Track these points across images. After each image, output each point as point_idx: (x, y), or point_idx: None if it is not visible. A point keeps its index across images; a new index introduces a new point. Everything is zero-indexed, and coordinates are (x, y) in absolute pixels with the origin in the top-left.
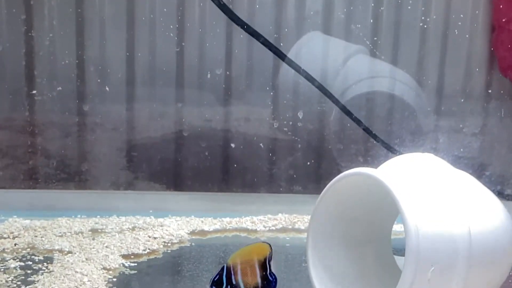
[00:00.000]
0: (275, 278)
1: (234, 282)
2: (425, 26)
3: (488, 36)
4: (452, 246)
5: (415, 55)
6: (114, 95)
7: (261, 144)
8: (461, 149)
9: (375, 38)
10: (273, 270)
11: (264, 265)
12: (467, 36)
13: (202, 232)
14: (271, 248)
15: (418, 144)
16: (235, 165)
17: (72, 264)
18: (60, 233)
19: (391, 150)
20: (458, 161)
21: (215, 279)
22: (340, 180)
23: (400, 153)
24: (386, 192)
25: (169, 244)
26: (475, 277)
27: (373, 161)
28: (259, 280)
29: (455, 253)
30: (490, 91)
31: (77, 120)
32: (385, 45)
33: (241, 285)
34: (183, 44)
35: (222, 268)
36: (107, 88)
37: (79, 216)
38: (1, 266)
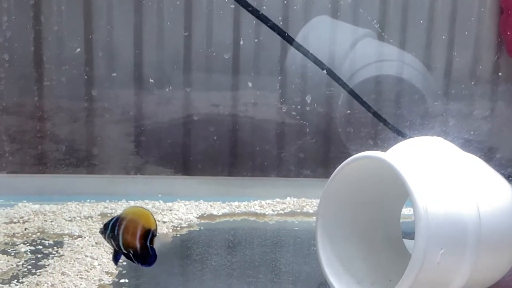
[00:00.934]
0: (155, 255)
1: (116, 233)
2: (433, 9)
3: (496, 18)
4: (461, 226)
5: (423, 38)
6: (123, 80)
7: (269, 128)
8: (470, 133)
9: (383, 21)
10: (155, 247)
11: (146, 234)
12: (474, 19)
13: (211, 216)
14: (156, 223)
15: (426, 128)
16: (244, 149)
17: (82, 248)
18: (69, 217)
19: (399, 133)
20: (467, 145)
21: (106, 222)
22: (349, 164)
23: (409, 137)
24: (395, 175)
25: (178, 228)
26: (484, 258)
27: (382, 144)
28: (137, 245)
29: (465, 233)
30: (498, 74)
31: (85, 105)
32: (393, 29)
33: (120, 238)
34: (191, 28)
35: (116, 216)
36: (115, 73)
37: (88, 200)
38: (12, 250)
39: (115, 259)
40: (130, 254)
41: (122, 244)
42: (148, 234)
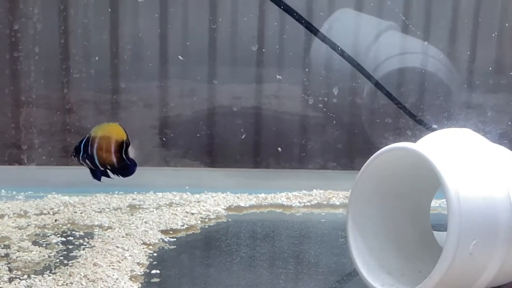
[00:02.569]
0: (134, 163)
1: (89, 153)
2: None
3: None
4: (493, 213)
5: (447, 30)
6: (149, 73)
7: (294, 120)
8: (496, 126)
9: (407, 14)
10: (131, 156)
11: (120, 146)
12: (498, 11)
13: (238, 208)
14: (127, 134)
15: (453, 120)
16: (269, 142)
17: (112, 239)
18: (99, 209)
19: (425, 126)
20: (494, 137)
21: (76, 145)
22: (379, 156)
23: (434, 129)
24: (425, 166)
25: (206, 220)
26: None
27: (409, 137)
28: (114, 159)
29: (497, 221)
30: None
31: (112, 98)
32: (417, 21)
33: (95, 157)
34: (219, 20)
35: (85, 137)
36: (141, 66)
37: (116, 192)
38: (43, 242)
39: (96, 176)
40: (108, 170)
41: (99, 163)
42: (122, 147)
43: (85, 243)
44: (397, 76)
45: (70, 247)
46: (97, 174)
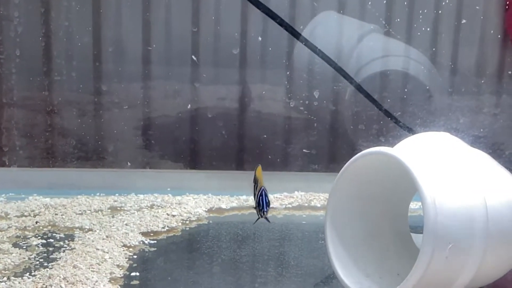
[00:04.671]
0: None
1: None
2: (439, 5)
3: (501, 14)
4: (469, 218)
5: (428, 34)
6: (131, 74)
7: (277, 123)
8: (477, 129)
9: (389, 18)
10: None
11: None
12: (480, 15)
13: (220, 210)
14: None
15: (432, 124)
16: (252, 144)
17: (93, 241)
18: (80, 211)
19: (406, 129)
20: (474, 141)
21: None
22: (358, 159)
23: (416, 132)
24: (403, 170)
25: (187, 222)
26: (492, 252)
27: (389, 140)
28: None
29: (473, 226)
30: (503, 70)
31: (95, 100)
32: (399, 25)
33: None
34: (198, 23)
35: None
36: (124, 68)
37: (98, 194)
38: (24, 244)
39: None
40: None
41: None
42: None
43: (65, 245)
44: (379, 78)
45: (51, 249)
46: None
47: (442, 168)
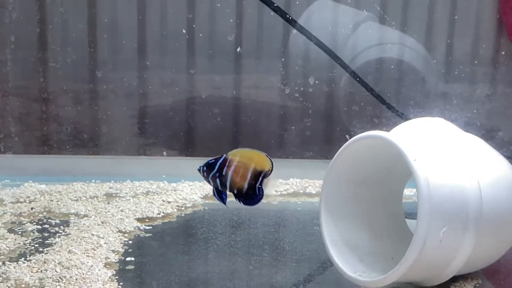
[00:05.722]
0: (262, 194)
1: (224, 173)
2: None
3: (496, 2)
4: (463, 200)
5: (424, 21)
6: (126, 62)
7: (272, 110)
8: (471, 114)
9: (384, 5)
10: (263, 187)
11: (257, 176)
12: (475, 1)
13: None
14: (272, 166)
15: (427, 110)
16: (247, 131)
17: (88, 227)
18: (75, 197)
19: (400, 115)
20: (468, 126)
21: (210, 161)
22: (352, 143)
23: (410, 118)
24: (397, 154)
25: (182, 208)
26: (485, 235)
27: (384, 126)
28: (245, 185)
29: (466, 208)
30: (498, 57)
31: (90, 87)
32: (393, 12)
33: (228, 179)
34: (194, 10)
35: (221, 157)
36: (119, 55)
37: (93, 181)
38: (19, 229)
39: (222, 199)
40: (234, 192)
41: (229, 185)
42: (258, 176)
43: (60, 231)
44: (374, 66)
45: (46, 234)
46: (222, 196)
47: (436, 151)
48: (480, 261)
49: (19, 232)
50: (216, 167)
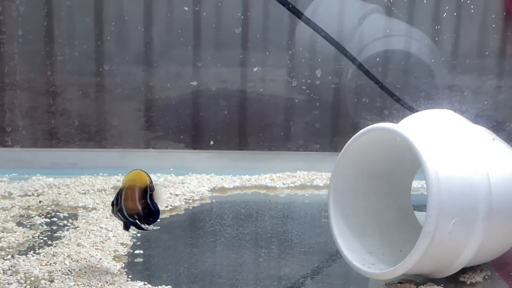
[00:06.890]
0: (157, 209)
1: (119, 205)
2: None
3: None
4: (472, 193)
5: (430, 14)
6: (133, 55)
7: (279, 102)
8: (479, 106)
9: None
10: (155, 201)
11: (145, 194)
12: None
13: (222, 189)
14: (150, 178)
15: (434, 102)
16: (254, 124)
17: (96, 220)
18: (83, 190)
19: (408, 107)
20: (477, 118)
21: (113, 200)
22: (361, 136)
23: (417, 111)
24: (406, 146)
25: (190, 201)
26: (495, 227)
27: (392, 118)
28: (139, 207)
29: (476, 200)
30: (505, 49)
31: (97, 80)
32: (400, 4)
33: (123, 208)
34: (200, 3)
35: (118, 191)
36: (126, 48)
37: (101, 174)
38: (27, 223)
39: (126, 227)
40: (136, 221)
41: (127, 214)
42: (146, 192)
43: (69, 224)
44: (381, 58)
45: (54, 228)
46: (127, 225)
47: (445, 143)
48: (490, 253)
49: (28, 226)
50: (115, 203)
